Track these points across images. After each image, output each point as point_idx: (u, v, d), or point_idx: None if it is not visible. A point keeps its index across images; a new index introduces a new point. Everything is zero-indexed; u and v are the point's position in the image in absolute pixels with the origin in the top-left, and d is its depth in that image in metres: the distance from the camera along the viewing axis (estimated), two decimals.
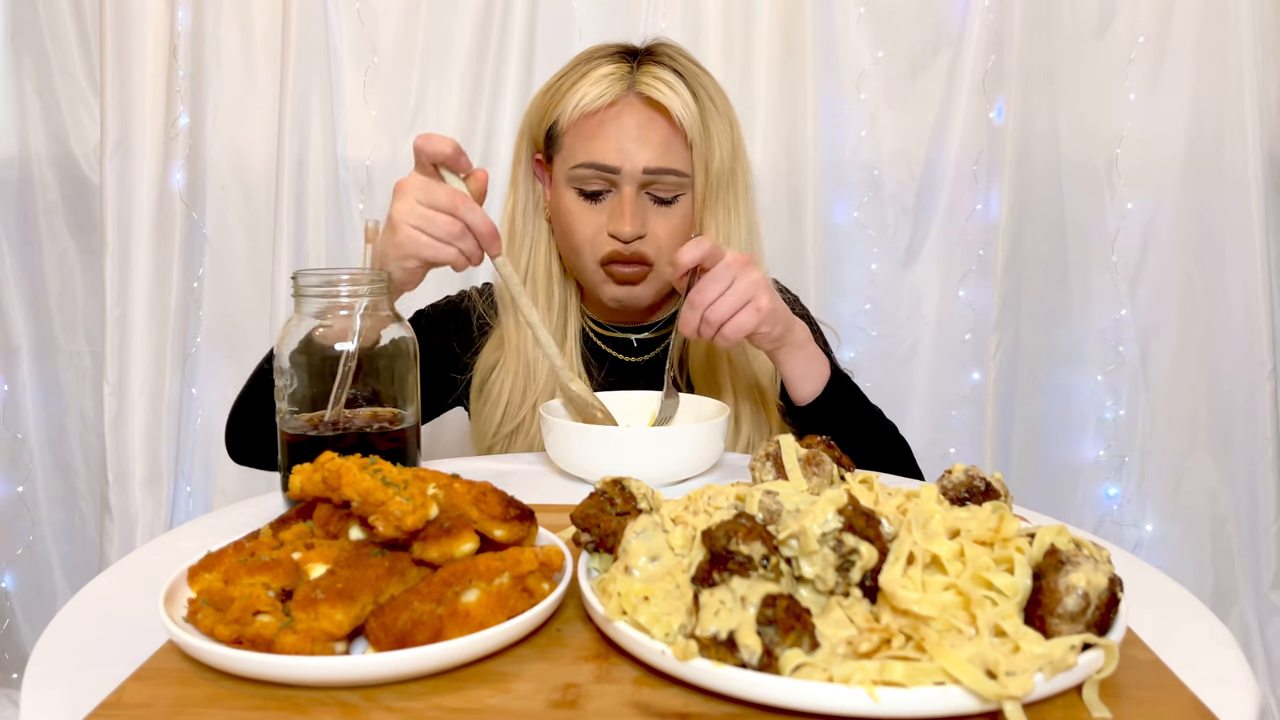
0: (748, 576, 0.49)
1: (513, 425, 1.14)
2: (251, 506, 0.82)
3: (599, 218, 1.08)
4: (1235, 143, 1.63)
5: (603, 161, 1.05)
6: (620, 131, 1.05)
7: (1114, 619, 0.49)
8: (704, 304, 0.91)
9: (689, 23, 1.66)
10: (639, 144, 1.05)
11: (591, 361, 1.18)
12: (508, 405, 1.13)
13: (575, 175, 1.07)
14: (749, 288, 0.91)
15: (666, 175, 1.06)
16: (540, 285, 1.15)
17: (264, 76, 1.69)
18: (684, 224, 1.10)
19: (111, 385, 1.68)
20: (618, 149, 1.05)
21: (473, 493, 0.59)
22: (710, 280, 0.91)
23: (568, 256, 1.14)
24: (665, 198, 1.08)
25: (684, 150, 1.07)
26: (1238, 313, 1.67)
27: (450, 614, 0.50)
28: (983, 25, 1.65)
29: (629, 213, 1.06)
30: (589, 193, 1.08)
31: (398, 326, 0.78)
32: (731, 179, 1.10)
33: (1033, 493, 1.79)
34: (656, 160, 1.05)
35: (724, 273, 0.92)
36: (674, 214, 1.09)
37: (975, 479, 0.62)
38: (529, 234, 1.16)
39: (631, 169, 1.05)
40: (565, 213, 1.10)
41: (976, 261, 1.72)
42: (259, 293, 1.73)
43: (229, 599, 0.51)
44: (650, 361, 1.20)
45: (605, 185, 1.07)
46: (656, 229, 1.08)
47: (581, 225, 1.09)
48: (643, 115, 1.06)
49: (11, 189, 1.72)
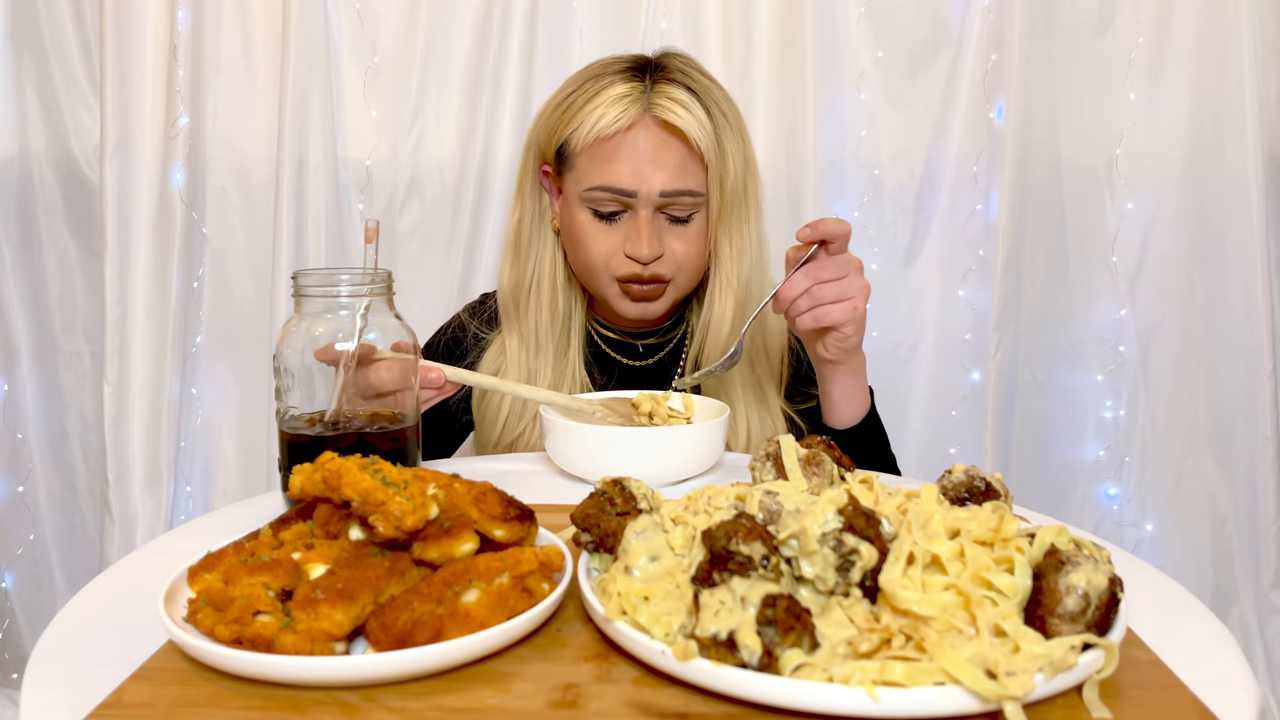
0: (748, 576, 0.49)
1: (513, 436, 1.14)
2: (251, 506, 0.82)
3: (615, 238, 1.09)
4: (1235, 143, 1.63)
5: (619, 186, 1.06)
6: (636, 155, 1.05)
7: (1114, 619, 0.49)
8: (817, 278, 0.92)
9: (689, 23, 1.66)
10: (655, 166, 1.05)
11: (596, 367, 1.19)
12: (508, 417, 1.14)
13: (591, 197, 1.08)
14: (858, 289, 0.93)
15: (682, 197, 1.07)
16: (545, 295, 1.15)
17: (264, 76, 1.69)
18: (699, 240, 1.10)
19: (111, 385, 1.68)
20: (634, 173, 1.05)
21: (473, 493, 0.59)
22: (831, 262, 0.93)
23: (582, 273, 1.15)
24: (681, 217, 1.09)
25: (699, 170, 1.07)
26: (1238, 313, 1.67)
27: (450, 614, 0.50)
28: (983, 25, 1.65)
29: (646, 235, 1.06)
30: (604, 214, 1.08)
31: (398, 326, 0.78)
32: (744, 194, 1.10)
33: (1033, 493, 1.79)
34: (673, 183, 1.06)
35: (844, 264, 0.93)
36: (690, 232, 1.10)
37: (975, 479, 0.62)
38: (535, 244, 1.16)
39: (648, 192, 1.06)
40: (580, 232, 1.10)
41: (976, 261, 1.72)
42: (259, 293, 1.73)
43: (229, 599, 0.51)
44: (655, 365, 1.20)
45: (621, 207, 1.08)
46: (673, 247, 1.09)
47: (597, 246, 1.09)
48: (658, 138, 1.06)
49: (11, 189, 1.72)
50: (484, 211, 1.70)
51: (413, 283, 1.69)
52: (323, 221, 1.69)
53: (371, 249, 0.88)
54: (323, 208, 1.69)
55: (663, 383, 1.19)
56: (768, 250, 1.17)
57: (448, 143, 1.70)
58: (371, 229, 0.87)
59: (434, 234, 1.72)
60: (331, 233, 1.70)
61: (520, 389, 0.96)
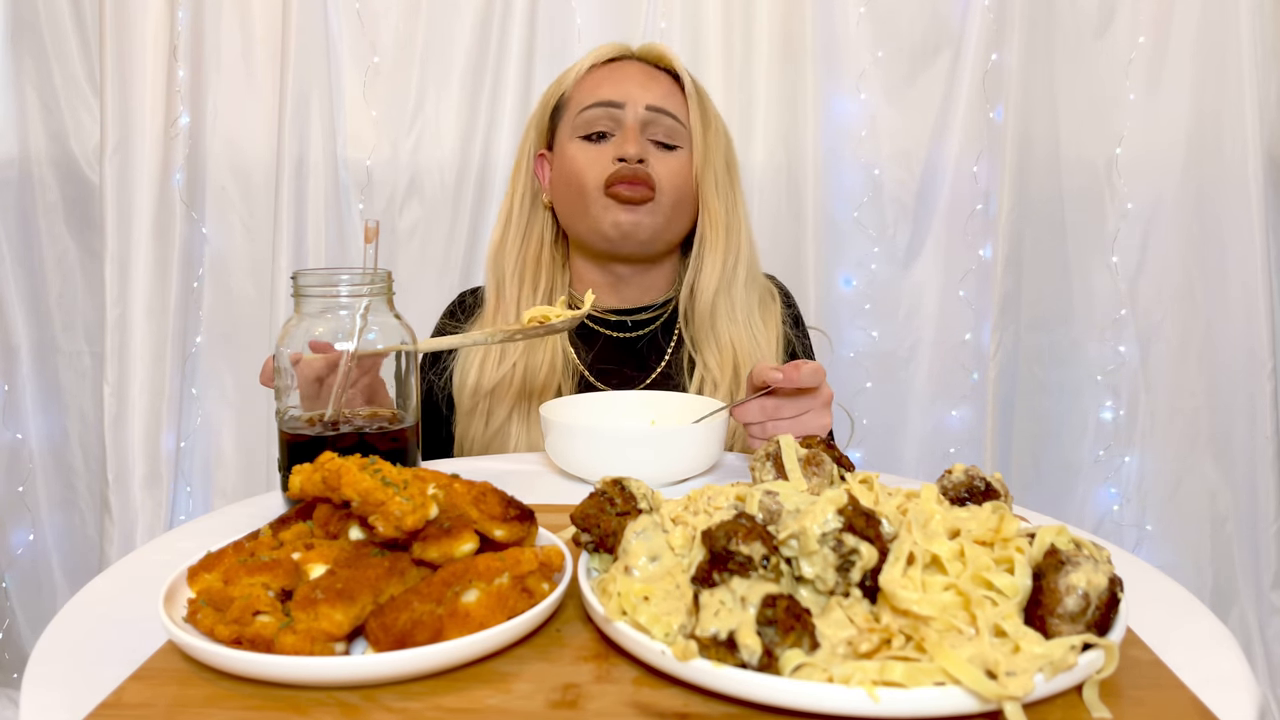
0: (748, 576, 0.49)
1: (499, 422, 1.14)
2: (251, 506, 0.82)
3: (605, 153, 1.12)
4: (1235, 143, 1.63)
5: (608, 98, 1.12)
6: (626, 77, 1.14)
7: (1114, 619, 0.49)
8: (774, 416, 0.92)
9: (689, 23, 1.66)
10: (642, 88, 1.13)
11: (580, 344, 1.19)
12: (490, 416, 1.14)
13: (582, 120, 1.13)
14: (817, 427, 0.92)
15: (667, 117, 1.12)
16: (529, 270, 1.19)
17: (264, 76, 1.69)
18: (683, 172, 1.14)
19: (111, 385, 1.68)
20: (622, 89, 1.13)
21: (473, 493, 0.59)
22: (792, 404, 0.92)
23: (573, 204, 1.15)
24: (666, 143, 1.13)
25: (682, 104, 1.14)
26: (1238, 313, 1.67)
27: (450, 614, 0.50)
28: (983, 25, 1.65)
29: (633, 136, 1.11)
30: (594, 135, 1.13)
31: (398, 326, 0.78)
32: (727, 166, 1.16)
33: (1033, 493, 1.79)
34: (659, 100, 1.13)
35: (807, 403, 0.92)
36: (673, 160, 1.13)
37: (975, 479, 0.62)
38: (524, 221, 1.20)
39: (635, 103, 1.12)
40: (570, 160, 1.14)
41: (976, 261, 1.72)
42: (259, 293, 1.73)
43: (229, 599, 0.51)
44: (642, 337, 1.21)
45: (610, 125, 1.13)
46: (658, 167, 1.12)
47: (589, 165, 1.12)
48: (645, 69, 1.16)
49: (11, 189, 1.72)
50: (484, 211, 1.71)
51: (413, 283, 1.69)
52: (323, 221, 1.69)
53: (371, 249, 0.87)
54: (323, 208, 1.69)
55: (653, 357, 1.18)
56: (742, 241, 1.18)
57: (448, 143, 1.70)
58: (371, 229, 0.87)
59: (434, 234, 1.72)
60: (331, 233, 1.71)
61: (444, 342, 0.95)
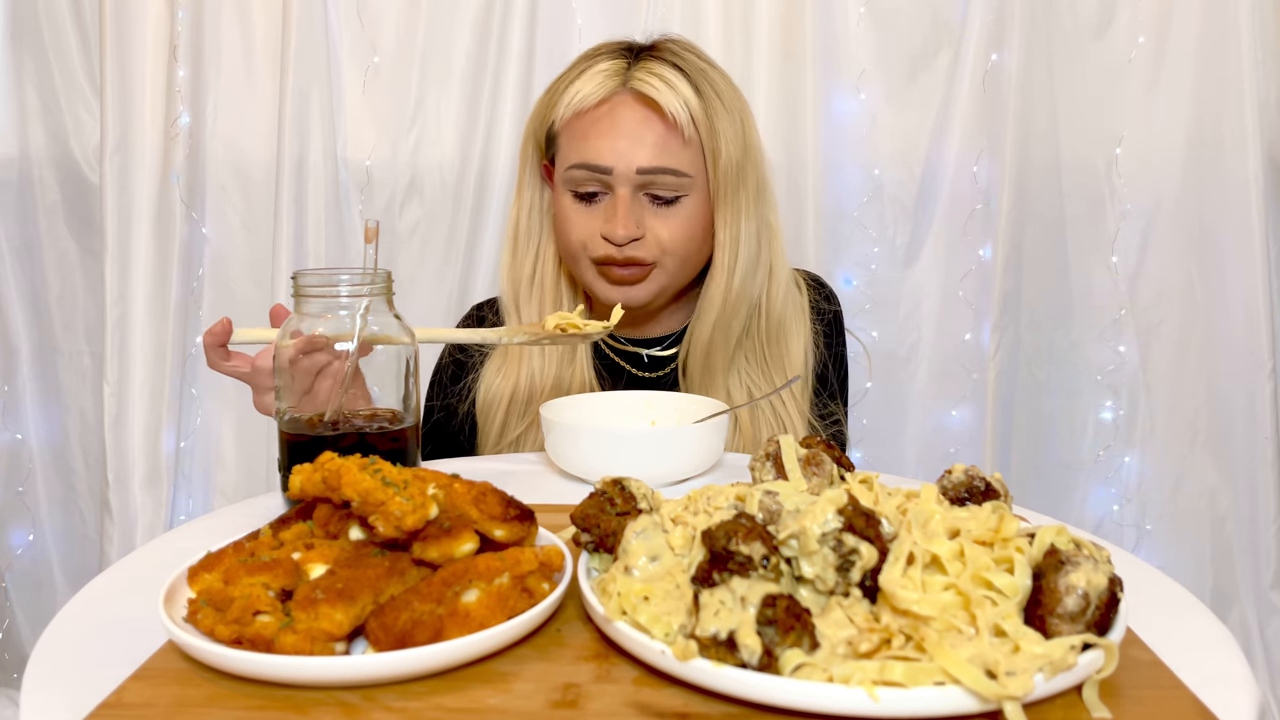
0: (748, 576, 0.49)
1: (513, 436, 1.13)
2: (251, 506, 0.82)
3: (594, 220, 1.05)
4: (1235, 143, 1.63)
5: (594, 161, 1.02)
6: (614, 130, 1.02)
7: (1114, 619, 0.49)
8: None
9: (689, 23, 1.66)
10: (633, 142, 1.01)
11: (605, 376, 1.16)
12: (507, 418, 1.12)
13: (569, 177, 1.05)
14: None
15: (663, 175, 1.02)
16: (547, 290, 1.13)
17: (264, 76, 1.69)
18: (688, 225, 1.06)
19: (111, 385, 1.68)
20: (610, 148, 1.02)
21: (473, 493, 0.59)
22: None
23: (565, 259, 1.12)
24: (665, 197, 1.04)
25: (684, 149, 1.03)
26: (1238, 313, 1.67)
27: (450, 614, 0.50)
28: (983, 25, 1.65)
29: (621, 214, 1.02)
30: (584, 194, 1.05)
31: (398, 326, 0.78)
32: (739, 180, 1.05)
33: (1033, 493, 1.79)
34: (651, 160, 1.02)
35: None
36: (675, 215, 1.05)
37: (975, 479, 0.62)
38: (534, 238, 1.14)
39: (625, 169, 1.02)
40: (560, 216, 1.07)
41: (976, 261, 1.72)
42: (259, 293, 1.73)
43: (229, 599, 0.51)
44: (661, 379, 1.17)
45: (600, 187, 1.04)
46: (657, 230, 1.05)
47: (576, 228, 1.06)
48: (638, 113, 1.02)
49: (11, 189, 1.72)
50: (484, 211, 1.70)
51: (413, 283, 1.69)
52: (323, 221, 1.69)
53: (371, 249, 0.87)
54: (323, 208, 1.69)
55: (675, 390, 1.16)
56: (775, 245, 1.12)
57: (448, 143, 1.70)
58: (371, 229, 0.87)
59: (434, 234, 1.72)
60: (331, 233, 1.70)
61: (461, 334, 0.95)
